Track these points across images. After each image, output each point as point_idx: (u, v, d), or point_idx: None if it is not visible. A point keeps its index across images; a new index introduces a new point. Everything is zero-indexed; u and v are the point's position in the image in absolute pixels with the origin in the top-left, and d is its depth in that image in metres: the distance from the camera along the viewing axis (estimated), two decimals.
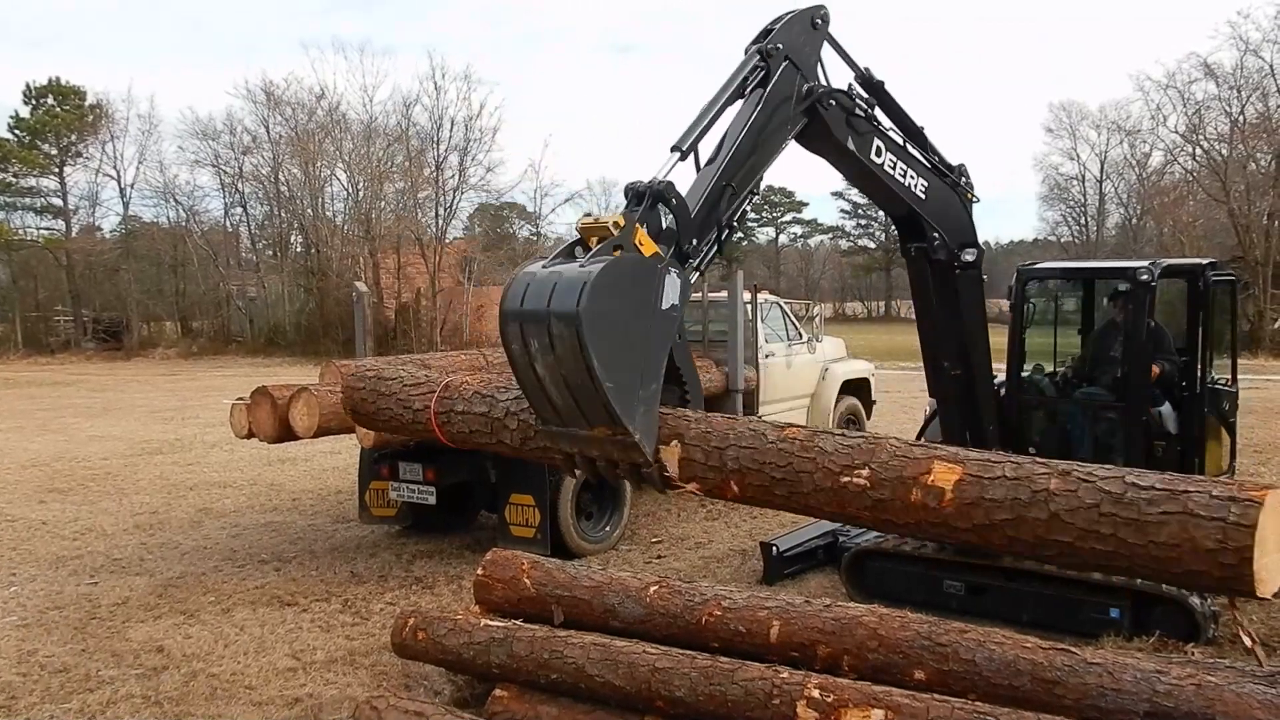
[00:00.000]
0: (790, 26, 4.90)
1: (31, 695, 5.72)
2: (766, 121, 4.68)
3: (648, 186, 4.17)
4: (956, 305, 6.08)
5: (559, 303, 3.61)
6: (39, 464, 14.06)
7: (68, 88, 44.70)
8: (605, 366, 3.62)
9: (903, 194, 5.59)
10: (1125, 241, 46.76)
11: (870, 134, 5.29)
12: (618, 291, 3.69)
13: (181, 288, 43.59)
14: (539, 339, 3.70)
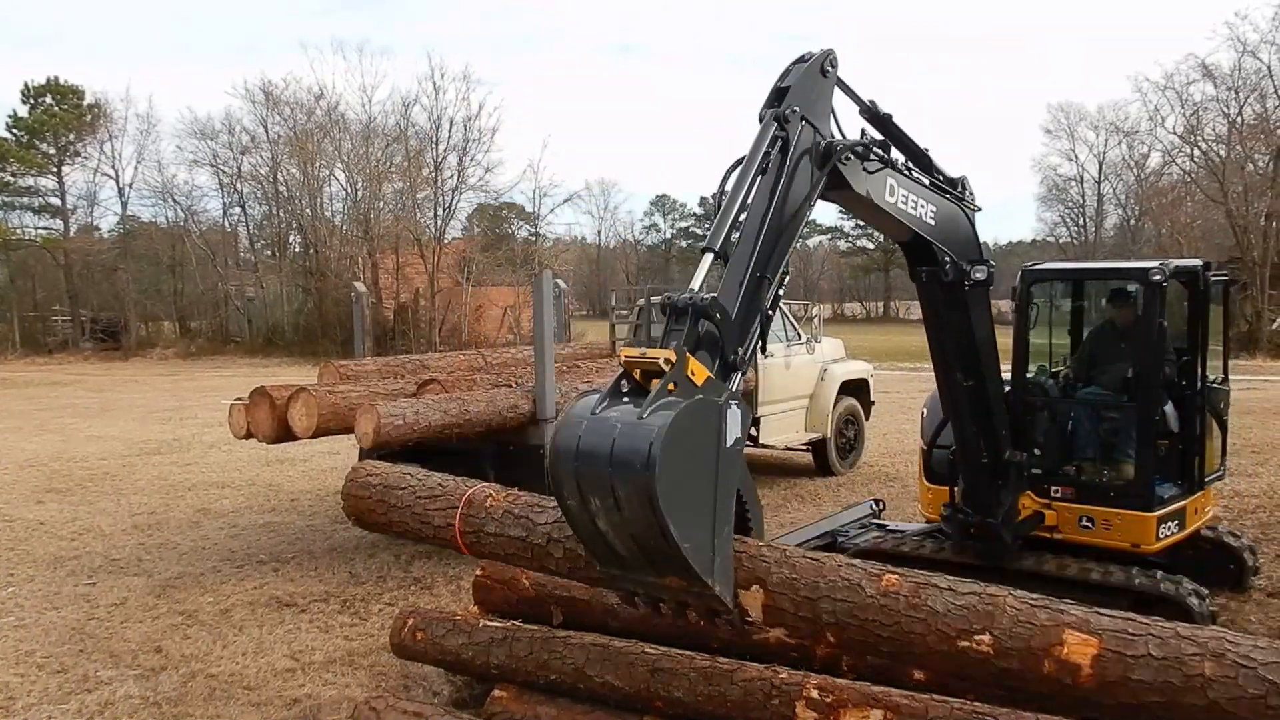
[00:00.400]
0: (803, 84, 4.74)
1: (29, 696, 5.71)
2: (788, 196, 4.52)
3: (689, 302, 3.85)
4: (968, 322, 5.99)
5: (624, 459, 3.37)
6: (37, 464, 14.04)
7: (66, 87, 44.69)
8: (680, 525, 3.39)
9: (914, 225, 5.49)
10: (1123, 242, 46.84)
11: (882, 173, 5.16)
12: (686, 442, 3.45)
13: (180, 288, 43.58)
14: (601, 495, 3.46)
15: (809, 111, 4.64)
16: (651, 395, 3.50)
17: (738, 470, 3.77)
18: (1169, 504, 6.23)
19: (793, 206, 4.52)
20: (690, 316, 3.84)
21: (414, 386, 8.47)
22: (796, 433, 11.68)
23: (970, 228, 5.94)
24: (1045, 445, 6.59)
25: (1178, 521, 6.28)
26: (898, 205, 5.32)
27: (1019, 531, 6.43)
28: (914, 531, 7.38)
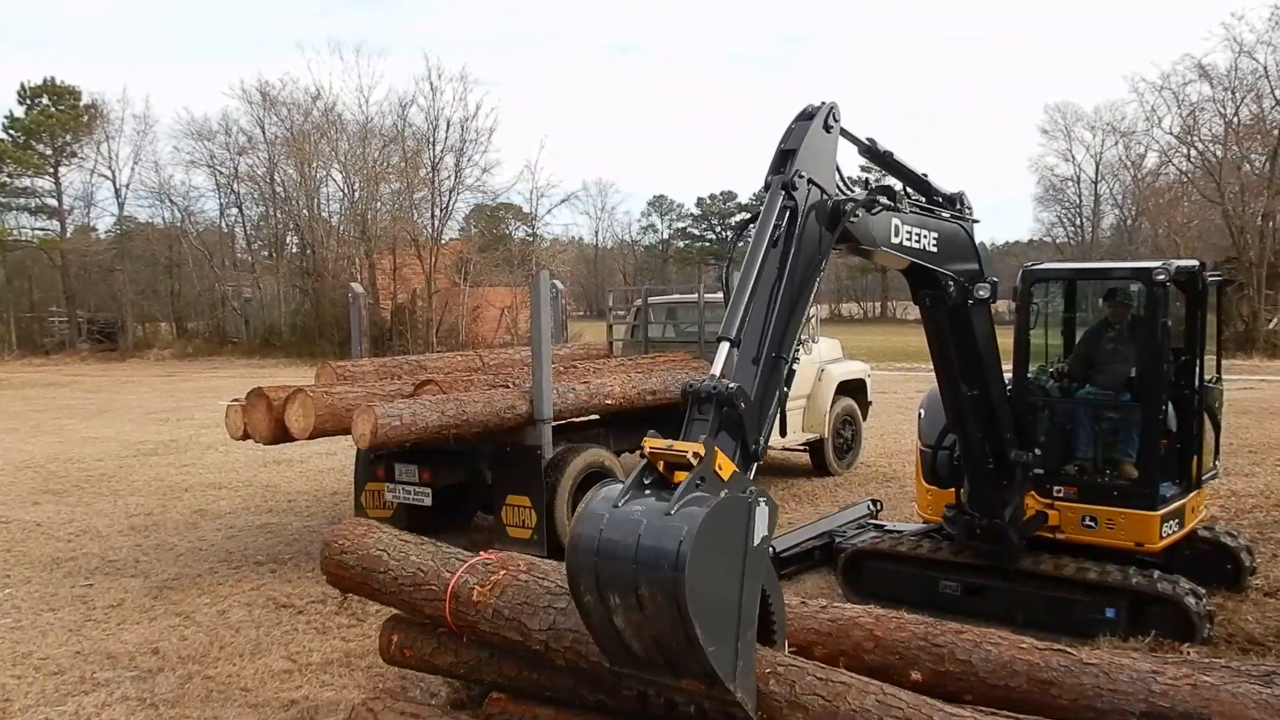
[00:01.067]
0: (809, 146, 4.67)
1: (26, 697, 5.71)
2: (799, 265, 4.48)
3: (712, 391, 3.78)
4: (972, 337, 5.98)
5: (650, 558, 3.26)
6: (33, 465, 14.02)
7: (63, 88, 44.66)
8: (705, 628, 3.26)
9: (917, 258, 5.48)
10: (1120, 242, 46.91)
11: (886, 217, 5.14)
12: (715, 541, 3.35)
13: (177, 288, 43.51)
14: (622, 593, 3.34)
15: (815, 172, 4.60)
16: (679, 491, 3.41)
17: (763, 569, 3.64)
18: (1170, 503, 6.25)
19: (804, 274, 4.48)
20: (714, 405, 3.77)
21: (411, 387, 8.46)
22: (794, 433, 11.68)
23: (970, 242, 5.96)
24: (1047, 445, 6.58)
25: (1178, 520, 6.30)
26: (902, 244, 5.31)
27: (1024, 532, 6.43)
28: (911, 532, 7.39)
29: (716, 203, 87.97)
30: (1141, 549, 6.18)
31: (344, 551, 5.03)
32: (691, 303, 11.13)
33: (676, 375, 9.62)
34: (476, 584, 4.50)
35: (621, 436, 9.92)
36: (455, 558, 4.83)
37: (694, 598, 3.20)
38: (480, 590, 4.45)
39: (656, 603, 3.27)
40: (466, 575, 4.60)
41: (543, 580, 4.45)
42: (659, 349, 10.96)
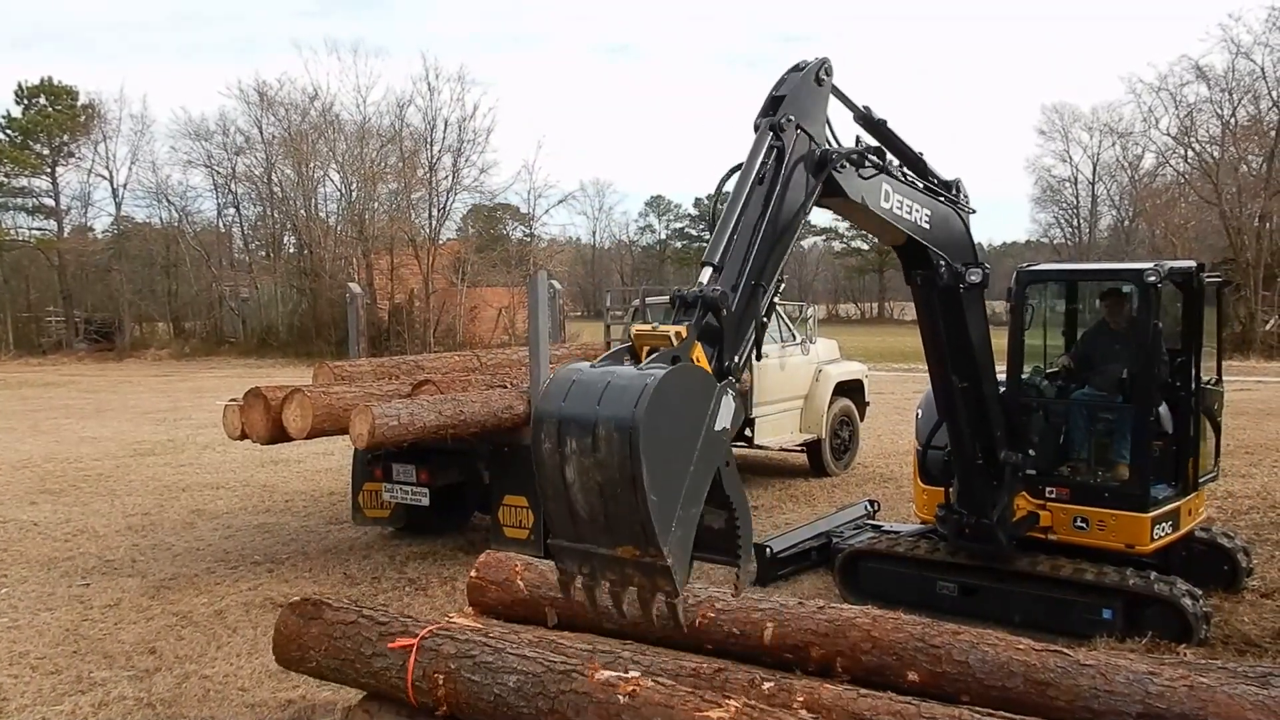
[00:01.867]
0: (798, 93, 4.78)
1: (23, 697, 5.70)
2: (783, 205, 4.56)
3: (698, 295, 3.93)
4: (964, 324, 6.02)
5: (613, 404, 3.34)
6: (30, 465, 14.00)
7: (60, 88, 44.57)
8: (652, 475, 3.31)
9: (909, 230, 5.53)
10: (1117, 243, 46.94)
11: (877, 179, 5.20)
12: (678, 402, 3.44)
13: (174, 288, 43.43)
14: (580, 439, 3.39)
15: (804, 120, 4.67)
16: (653, 358, 3.56)
17: (720, 457, 3.70)
18: (1163, 505, 6.25)
19: (787, 216, 4.55)
20: (700, 307, 3.89)
21: (409, 387, 8.46)
22: (791, 434, 11.69)
23: (965, 230, 5.99)
24: (1040, 446, 6.60)
25: (1172, 522, 6.30)
26: (892, 210, 5.35)
27: (1014, 532, 6.44)
28: (909, 532, 7.40)
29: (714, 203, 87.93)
30: (1132, 551, 6.18)
31: (307, 621, 4.67)
32: None
33: None
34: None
35: None
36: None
37: (648, 439, 3.26)
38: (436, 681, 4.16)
39: (610, 442, 3.33)
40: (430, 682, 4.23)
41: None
42: None
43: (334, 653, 4.44)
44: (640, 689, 3.60)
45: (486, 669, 3.97)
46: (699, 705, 3.47)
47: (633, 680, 3.67)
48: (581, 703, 3.66)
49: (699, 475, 3.57)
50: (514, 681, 3.86)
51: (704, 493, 3.64)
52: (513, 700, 3.83)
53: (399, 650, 4.23)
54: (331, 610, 4.59)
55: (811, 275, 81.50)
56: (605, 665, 3.90)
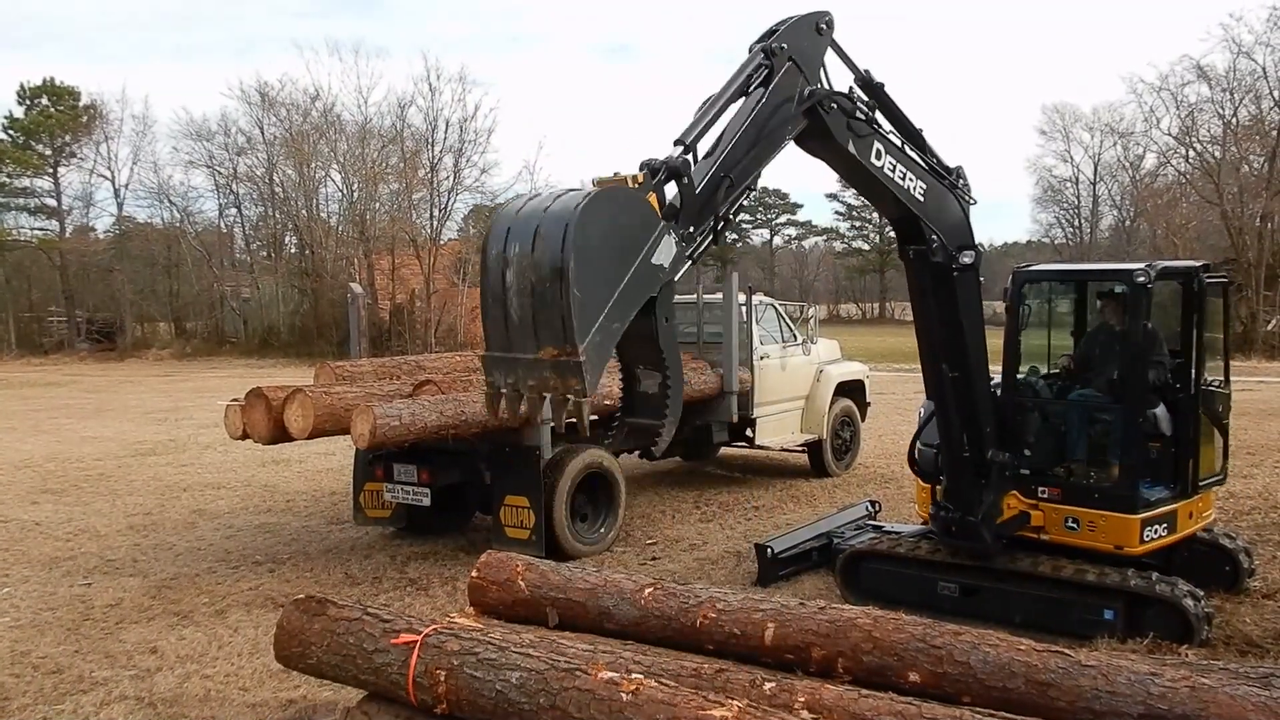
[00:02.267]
0: (795, 28, 5.01)
1: (25, 696, 5.71)
2: (767, 119, 4.75)
3: (663, 163, 4.27)
4: (954, 307, 6.09)
5: (558, 207, 3.80)
6: (32, 465, 14.01)
7: (62, 88, 44.63)
8: (580, 274, 3.69)
9: (901, 197, 5.66)
10: (1119, 243, 46.88)
11: (870, 137, 5.36)
12: (616, 217, 3.86)
13: (175, 288, 43.46)
14: (522, 240, 3.82)
15: (798, 55, 4.94)
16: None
17: (652, 291, 4.09)
18: (1156, 507, 6.22)
19: (767, 133, 4.82)
20: (664, 172, 4.27)
21: (410, 387, 8.46)
22: (792, 434, 11.69)
23: (963, 215, 6.14)
24: (1033, 445, 6.62)
25: (1167, 525, 6.27)
26: (884, 170, 5.55)
27: (1001, 531, 6.46)
28: (910, 533, 7.39)
29: None
30: (1122, 552, 6.18)
31: (305, 629, 4.65)
32: (690, 304, 11.12)
33: None
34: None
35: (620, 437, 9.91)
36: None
37: (579, 236, 3.68)
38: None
39: (547, 239, 3.75)
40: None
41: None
42: None
43: (336, 649, 4.45)
44: (643, 687, 3.60)
45: (489, 665, 3.97)
46: (702, 704, 3.47)
47: (635, 679, 3.67)
48: (584, 700, 3.66)
49: (628, 296, 3.98)
50: (517, 678, 3.85)
51: (629, 314, 4.04)
52: (515, 697, 3.82)
53: (401, 647, 4.23)
54: (335, 607, 4.59)
55: (813, 275, 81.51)
56: (607, 665, 3.90)
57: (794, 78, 4.91)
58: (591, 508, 8.87)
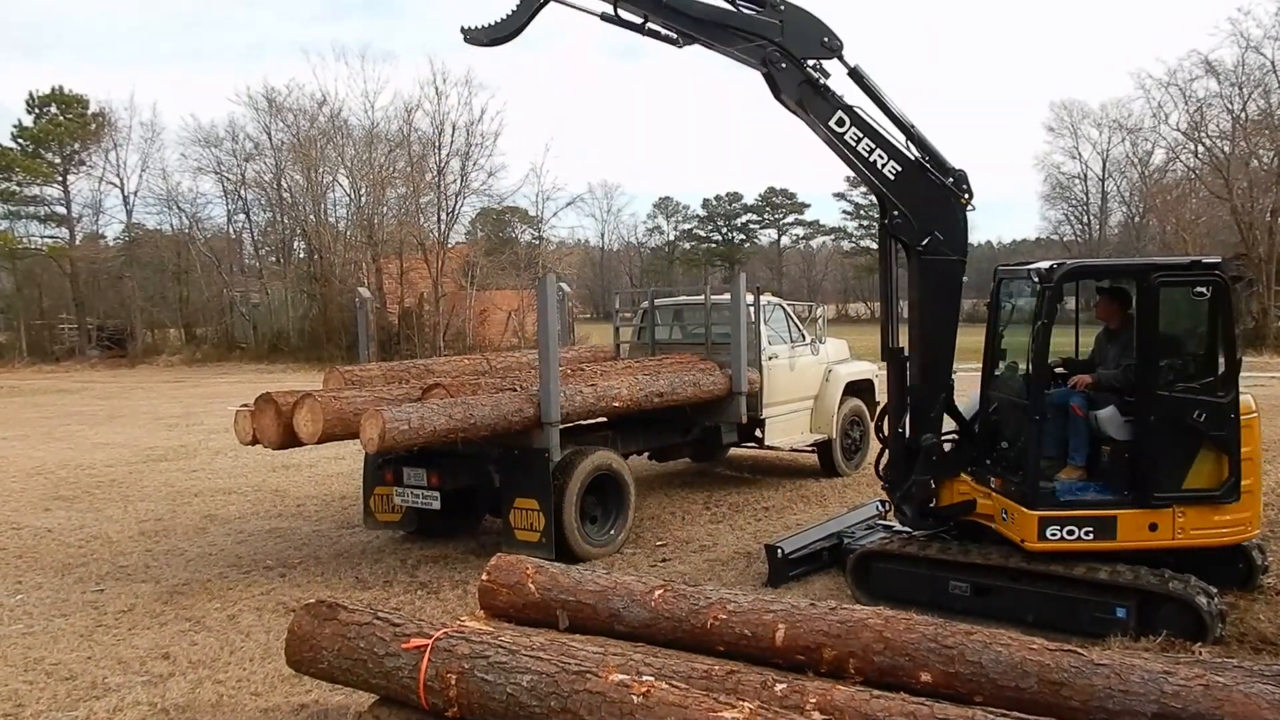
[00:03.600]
0: (803, 17, 6.16)
1: (38, 703, 5.72)
2: (724, 17, 6.32)
3: None
4: (916, 289, 6.59)
5: None
6: (44, 472, 14.08)
7: (70, 96, 44.83)
8: None
9: (866, 169, 6.44)
10: (1128, 240, 46.74)
11: (830, 105, 6.35)
12: None
13: (185, 295, 43.64)
14: None
15: (790, 28, 6.25)
16: None
17: None
18: (1069, 508, 6.18)
19: (719, 23, 6.37)
20: None
21: (419, 391, 8.47)
22: (801, 434, 11.66)
23: (951, 211, 6.60)
24: (983, 437, 6.91)
25: (1093, 529, 6.14)
26: (846, 139, 6.37)
27: (940, 514, 6.88)
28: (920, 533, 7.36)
29: (722, 204, 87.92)
30: (1023, 545, 6.27)
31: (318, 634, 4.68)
32: (698, 304, 11.11)
33: (684, 377, 9.62)
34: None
35: (629, 439, 9.91)
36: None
37: None
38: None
39: None
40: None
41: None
42: (666, 351, 10.96)
43: (347, 653, 4.45)
44: (654, 689, 3.59)
45: (500, 669, 3.97)
46: (713, 706, 3.47)
47: (647, 681, 3.67)
48: (595, 703, 3.66)
49: None
50: (528, 681, 3.86)
51: None
52: (526, 700, 3.83)
53: (413, 651, 4.24)
54: (346, 612, 4.60)
55: (820, 275, 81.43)
56: (618, 667, 3.90)
57: (771, 30, 6.19)
58: (601, 510, 8.86)
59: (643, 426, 10.11)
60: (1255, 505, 6.36)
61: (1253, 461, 6.29)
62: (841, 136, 6.34)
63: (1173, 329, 6.52)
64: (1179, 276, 6.35)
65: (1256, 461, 6.40)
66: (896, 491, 7.05)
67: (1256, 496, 6.38)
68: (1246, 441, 6.22)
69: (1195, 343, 6.58)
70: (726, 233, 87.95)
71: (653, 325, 11.53)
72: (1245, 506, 6.21)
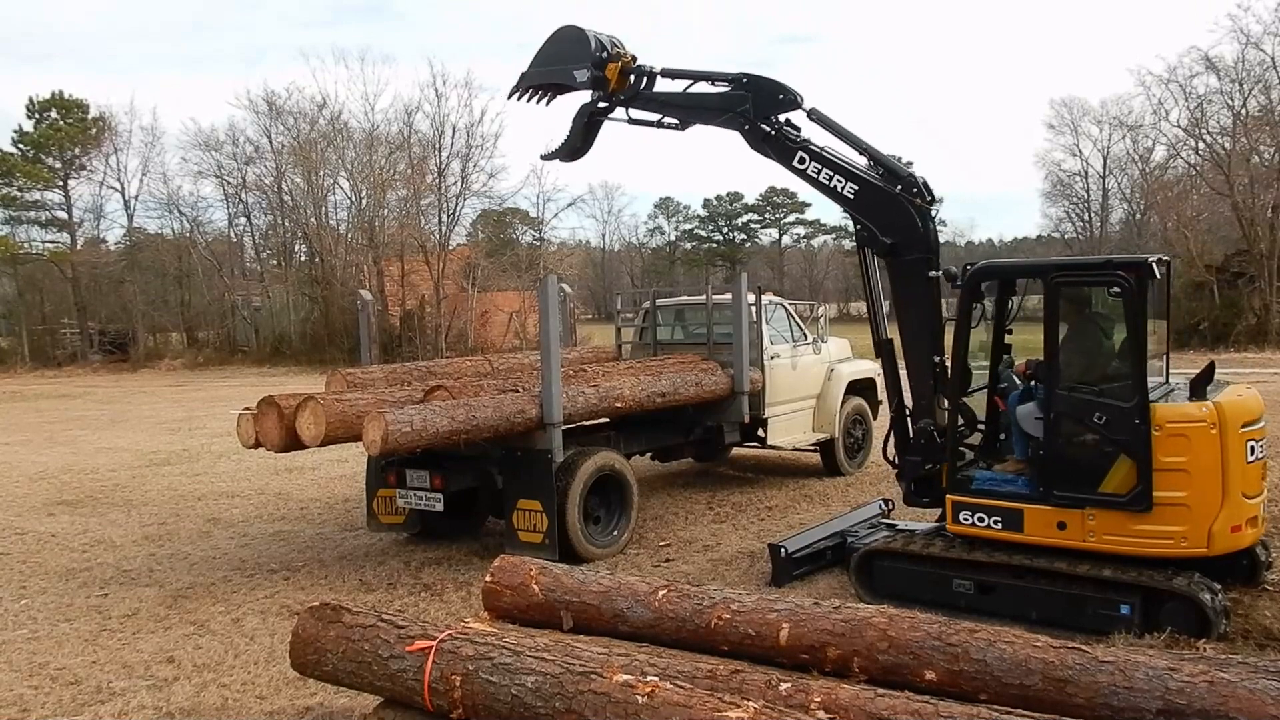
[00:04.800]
0: (763, 83, 7.75)
1: (44, 708, 5.73)
2: (701, 101, 8.13)
3: (645, 67, 8.40)
4: (895, 290, 7.46)
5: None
6: (47, 476, 14.09)
7: (70, 101, 44.82)
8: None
9: (829, 194, 7.49)
10: (1129, 237, 46.62)
11: (793, 149, 7.61)
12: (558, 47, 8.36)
13: (186, 298, 43.68)
14: None
15: (757, 97, 7.74)
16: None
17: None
18: (979, 495, 6.60)
19: (700, 107, 8.19)
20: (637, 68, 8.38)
21: (421, 393, 8.48)
22: (804, 433, 11.66)
23: (909, 216, 7.25)
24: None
25: (1000, 519, 6.48)
26: (808, 173, 7.54)
27: (929, 495, 7.21)
28: (924, 531, 7.37)
29: (723, 204, 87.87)
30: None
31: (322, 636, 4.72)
32: (700, 305, 11.11)
33: (686, 377, 9.62)
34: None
35: (631, 439, 9.92)
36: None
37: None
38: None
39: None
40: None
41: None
42: (668, 351, 10.96)
43: (351, 655, 4.46)
44: (659, 690, 3.60)
45: (505, 670, 3.97)
46: (718, 706, 3.47)
47: (651, 681, 3.67)
48: (600, 703, 3.66)
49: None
50: (532, 682, 3.86)
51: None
52: (530, 701, 3.83)
53: (417, 653, 4.24)
54: (350, 614, 4.61)
55: (822, 274, 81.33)
56: (622, 668, 3.90)
57: (739, 101, 7.79)
58: (604, 510, 8.87)
59: (645, 427, 10.11)
60: (1191, 521, 5.89)
61: (1189, 474, 5.87)
62: (804, 171, 7.54)
63: (1103, 331, 6.54)
64: (1077, 277, 6.50)
65: (1201, 475, 5.88)
66: (895, 466, 7.65)
67: (1196, 513, 5.89)
68: (1180, 452, 5.88)
69: (1108, 345, 6.52)
70: (727, 232, 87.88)
71: (654, 325, 11.54)
72: (1172, 520, 5.91)
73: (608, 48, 8.34)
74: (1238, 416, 6.00)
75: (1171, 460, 5.91)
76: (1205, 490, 5.90)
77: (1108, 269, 6.18)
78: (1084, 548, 6.20)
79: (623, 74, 8.31)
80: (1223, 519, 5.89)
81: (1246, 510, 6.03)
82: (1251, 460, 6.07)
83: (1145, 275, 5.97)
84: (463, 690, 4.05)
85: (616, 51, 8.35)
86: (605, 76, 8.33)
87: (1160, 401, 6.11)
